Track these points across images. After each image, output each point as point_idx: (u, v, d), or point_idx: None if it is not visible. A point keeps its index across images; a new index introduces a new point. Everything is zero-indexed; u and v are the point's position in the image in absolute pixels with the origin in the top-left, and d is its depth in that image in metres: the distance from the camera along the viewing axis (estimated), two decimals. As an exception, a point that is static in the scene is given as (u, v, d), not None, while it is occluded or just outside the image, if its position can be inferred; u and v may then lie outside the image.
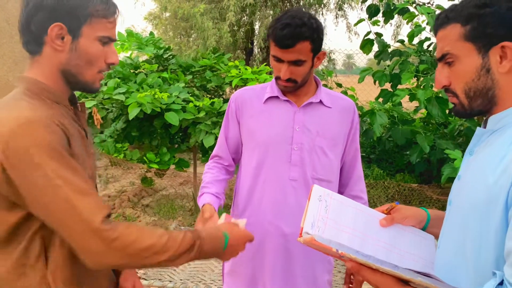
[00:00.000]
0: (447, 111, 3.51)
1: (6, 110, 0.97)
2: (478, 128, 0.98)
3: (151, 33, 5.49)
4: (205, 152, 4.27)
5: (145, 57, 5.24)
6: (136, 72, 4.80)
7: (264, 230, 1.60)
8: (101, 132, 4.75)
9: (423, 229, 1.19)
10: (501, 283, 0.79)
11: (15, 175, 0.92)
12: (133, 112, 3.69)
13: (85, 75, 1.08)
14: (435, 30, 0.99)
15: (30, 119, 0.93)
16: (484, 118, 0.99)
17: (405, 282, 0.91)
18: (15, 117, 0.93)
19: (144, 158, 4.37)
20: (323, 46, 1.55)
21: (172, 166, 4.55)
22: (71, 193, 0.92)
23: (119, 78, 4.40)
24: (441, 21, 0.97)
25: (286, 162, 1.57)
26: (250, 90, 1.68)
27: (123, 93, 3.99)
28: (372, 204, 4.23)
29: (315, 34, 1.45)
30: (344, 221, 1.12)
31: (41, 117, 0.94)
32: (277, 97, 1.60)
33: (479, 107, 0.95)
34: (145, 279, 2.80)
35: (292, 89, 1.55)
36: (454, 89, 0.97)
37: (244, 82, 4.26)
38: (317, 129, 1.58)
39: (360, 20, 4.36)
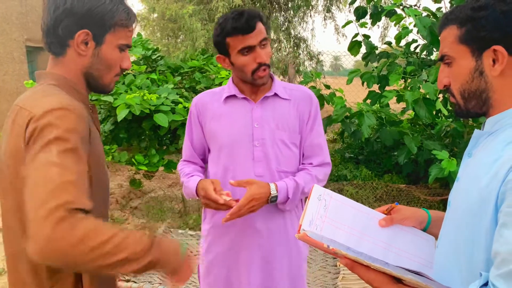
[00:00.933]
0: (434, 112, 3.55)
1: (46, 96, 1.01)
2: (475, 130, 0.99)
3: (139, 34, 5.46)
4: (194, 154, 4.26)
5: (133, 58, 5.21)
6: (124, 73, 4.77)
7: (237, 229, 1.63)
8: (89, 134, 4.69)
9: (424, 230, 1.18)
10: (486, 283, 0.80)
11: (29, 149, 0.94)
12: (121, 114, 3.66)
13: (104, 78, 1.15)
14: (439, 31, 1.01)
15: (66, 107, 0.97)
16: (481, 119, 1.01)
17: (399, 280, 0.92)
18: (56, 101, 0.97)
19: (133, 160, 4.34)
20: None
21: (161, 168, 4.53)
22: (57, 176, 0.89)
23: (107, 79, 4.36)
24: (442, 22, 0.98)
25: (249, 159, 1.60)
26: (210, 93, 1.71)
27: (111, 95, 3.95)
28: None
29: (261, 15, 1.55)
30: (342, 220, 1.14)
31: (76, 107, 0.99)
32: (234, 95, 1.63)
33: (474, 109, 0.97)
34: (135, 282, 2.78)
35: (267, 78, 1.57)
36: (452, 90, 0.99)
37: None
38: (276, 122, 1.61)
39: (348, 22, 4.39)
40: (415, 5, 4.27)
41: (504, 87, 0.91)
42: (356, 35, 4.36)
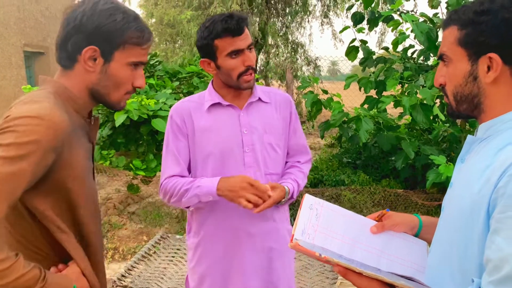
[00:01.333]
0: (431, 117, 3.56)
1: (30, 103, 1.02)
2: (468, 136, 0.99)
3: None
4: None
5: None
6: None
7: (231, 235, 1.62)
8: (87, 139, 4.69)
9: (416, 235, 1.19)
10: None
11: None
12: (119, 119, 3.66)
13: (112, 96, 1.14)
14: (442, 29, 1.00)
15: (41, 116, 0.97)
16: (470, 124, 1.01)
17: (391, 286, 0.93)
18: (35, 109, 0.99)
19: (130, 165, 4.33)
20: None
21: (159, 173, 4.52)
22: None
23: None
24: (445, 21, 0.98)
25: (240, 165, 1.60)
26: (188, 102, 1.65)
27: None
28: (359, 209, 4.26)
29: (248, 19, 1.54)
30: (334, 228, 1.15)
31: (54, 118, 0.99)
32: (219, 103, 1.61)
33: (465, 111, 0.97)
34: (132, 287, 2.78)
35: (253, 82, 1.58)
36: (446, 90, 0.99)
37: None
38: (263, 126, 1.63)
39: (345, 28, 4.41)
40: (412, 11, 4.29)
41: (496, 94, 0.91)
42: (354, 40, 4.39)
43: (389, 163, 4.90)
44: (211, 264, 1.65)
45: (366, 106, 4.13)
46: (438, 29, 3.62)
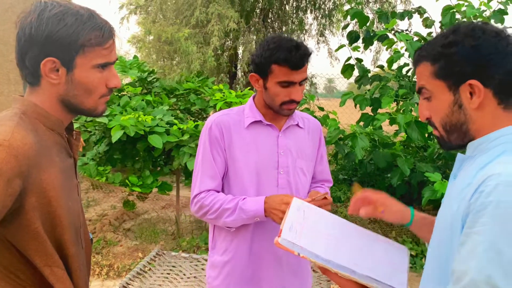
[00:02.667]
0: (426, 135, 3.59)
1: None
2: (459, 153, 1.01)
3: (135, 57, 5.52)
4: (189, 175, 4.26)
5: (128, 80, 5.26)
6: (119, 94, 4.80)
7: (259, 259, 1.60)
8: (83, 155, 4.70)
9: (407, 225, 1.26)
10: None
11: None
12: (116, 135, 3.67)
13: (85, 103, 1.07)
14: (413, 67, 1.05)
15: (0, 140, 0.91)
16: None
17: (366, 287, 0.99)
18: None
19: (127, 181, 4.33)
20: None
21: (155, 190, 4.51)
22: None
23: (102, 100, 4.39)
24: (415, 59, 1.02)
25: (274, 186, 1.58)
26: (227, 116, 1.61)
27: (106, 116, 3.97)
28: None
29: (311, 54, 1.52)
30: (320, 228, 1.22)
31: (14, 144, 0.92)
32: (259, 121, 1.59)
33: (456, 141, 0.99)
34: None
35: (293, 111, 1.58)
36: (434, 123, 1.02)
37: (228, 105, 4.30)
38: (297, 151, 1.63)
39: (341, 46, 4.48)
40: (406, 30, 4.37)
41: (483, 118, 0.94)
42: (349, 58, 4.44)
43: (385, 180, 4.91)
44: (237, 286, 1.62)
45: (361, 123, 4.17)
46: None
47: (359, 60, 4.49)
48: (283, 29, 10.59)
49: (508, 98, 0.92)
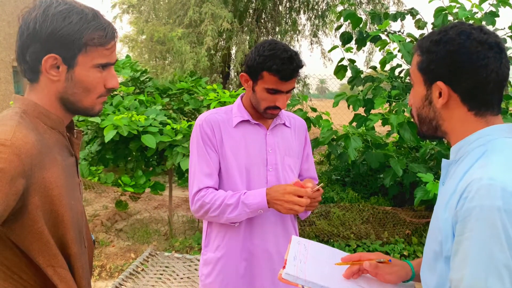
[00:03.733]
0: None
1: None
2: (443, 160, 1.03)
3: (128, 56, 5.50)
4: (182, 175, 4.24)
5: (121, 79, 5.23)
6: (112, 94, 4.78)
7: (251, 254, 1.63)
8: (75, 155, 4.65)
9: (411, 279, 1.18)
10: None
11: None
12: (109, 135, 3.65)
13: (83, 102, 1.07)
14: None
15: (2, 142, 0.91)
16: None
17: None
18: None
19: (119, 181, 4.30)
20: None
21: (147, 190, 4.49)
22: None
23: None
24: (413, 48, 1.04)
25: (263, 183, 1.61)
26: (216, 114, 1.64)
27: (99, 115, 3.95)
28: (348, 226, 4.26)
29: (303, 66, 1.55)
30: (322, 259, 1.20)
31: (17, 143, 0.92)
32: (247, 121, 1.63)
33: (428, 132, 1.02)
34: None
35: (276, 115, 1.61)
36: (412, 111, 1.05)
37: (222, 105, 4.30)
38: (284, 149, 1.67)
39: (334, 47, 4.49)
40: (399, 31, 4.39)
41: (452, 118, 0.96)
42: (342, 59, 4.46)
43: (378, 181, 4.93)
44: (230, 282, 1.63)
45: (354, 124, 4.18)
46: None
47: (352, 61, 4.50)
48: (276, 30, 10.61)
49: (479, 107, 0.93)
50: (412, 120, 1.09)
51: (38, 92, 1.05)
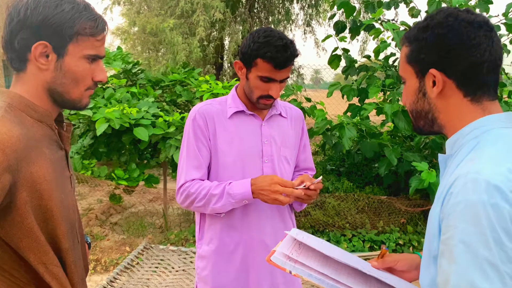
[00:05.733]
0: (413, 124, 3.60)
1: None
2: (439, 155, 0.99)
3: (119, 48, 5.43)
4: (175, 168, 4.21)
5: (113, 72, 5.17)
6: (104, 87, 4.72)
7: (247, 246, 1.61)
8: (67, 149, 4.61)
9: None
10: None
11: None
12: (101, 128, 3.61)
13: (71, 93, 1.05)
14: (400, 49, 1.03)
15: None
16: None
17: None
18: None
19: (112, 174, 4.27)
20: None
21: (141, 183, 4.47)
22: None
23: (86, 93, 4.32)
24: (400, 41, 1.00)
25: (259, 175, 1.59)
26: (211, 105, 1.62)
27: (90, 108, 3.90)
28: (343, 216, 4.26)
29: (298, 55, 1.53)
30: (320, 248, 1.13)
31: (0, 136, 0.90)
32: (242, 111, 1.60)
33: (424, 128, 0.98)
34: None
35: (269, 106, 1.58)
36: (407, 109, 1.01)
37: (215, 96, 4.26)
38: (281, 140, 1.65)
39: (328, 36, 4.45)
40: (393, 20, 4.36)
41: (448, 108, 0.92)
42: (336, 49, 4.43)
43: (373, 170, 4.93)
44: (226, 275, 1.62)
45: (349, 113, 4.17)
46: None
47: (345, 51, 4.48)
48: (270, 19, 10.54)
49: (475, 91, 0.89)
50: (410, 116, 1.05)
51: (24, 83, 1.02)
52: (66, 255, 1.06)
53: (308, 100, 4.43)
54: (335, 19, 5.05)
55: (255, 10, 10.52)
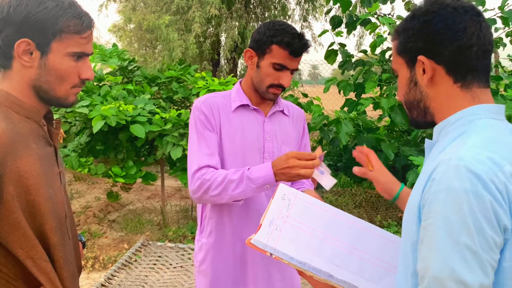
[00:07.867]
0: (409, 119, 3.60)
1: None
2: (426, 140, 0.99)
3: (115, 45, 5.40)
4: (173, 165, 4.21)
5: (109, 69, 5.15)
6: (100, 84, 4.71)
7: (244, 238, 1.58)
8: (64, 147, 4.61)
9: (393, 200, 1.23)
10: None
11: None
12: (97, 125, 3.60)
13: (57, 91, 1.05)
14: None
15: None
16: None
17: None
18: None
19: (110, 172, 4.27)
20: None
21: (139, 180, 4.46)
22: None
23: (82, 90, 4.30)
24: (392, 36, 1.01)
25: None
26: (215, 98, 1.60)
27: (87, 106, 3.89)
28: (341, 211, 4.27)
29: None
30: (305, 220, 1.13)
31: None
32: (246, 105, 1.60)
33: (419, 119, 0.98)
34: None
35: (277, 97, 1.59)
36: (402, 102, 1.00)
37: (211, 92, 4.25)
38: (282, 137, 1.64)
39: (324, 31, 4.44)
40: (389, 14, 4.35)
41: (438, 95, 0.92)
42: (332, 44, 4.41)
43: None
44: (224, 268, 1.61)
45: (345, 108, 4.16)
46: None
47: (342, 45, 4.46)
48: (266, 15, 10.50)
49: (464, 77, 0.89)
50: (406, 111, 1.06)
51: (10, 80, 1.03)
52: (55, 250, 1.06)
53: (305, 95, 4.43)
54: (332, 13, 5.02)
55: (251, 6, 10.48)
